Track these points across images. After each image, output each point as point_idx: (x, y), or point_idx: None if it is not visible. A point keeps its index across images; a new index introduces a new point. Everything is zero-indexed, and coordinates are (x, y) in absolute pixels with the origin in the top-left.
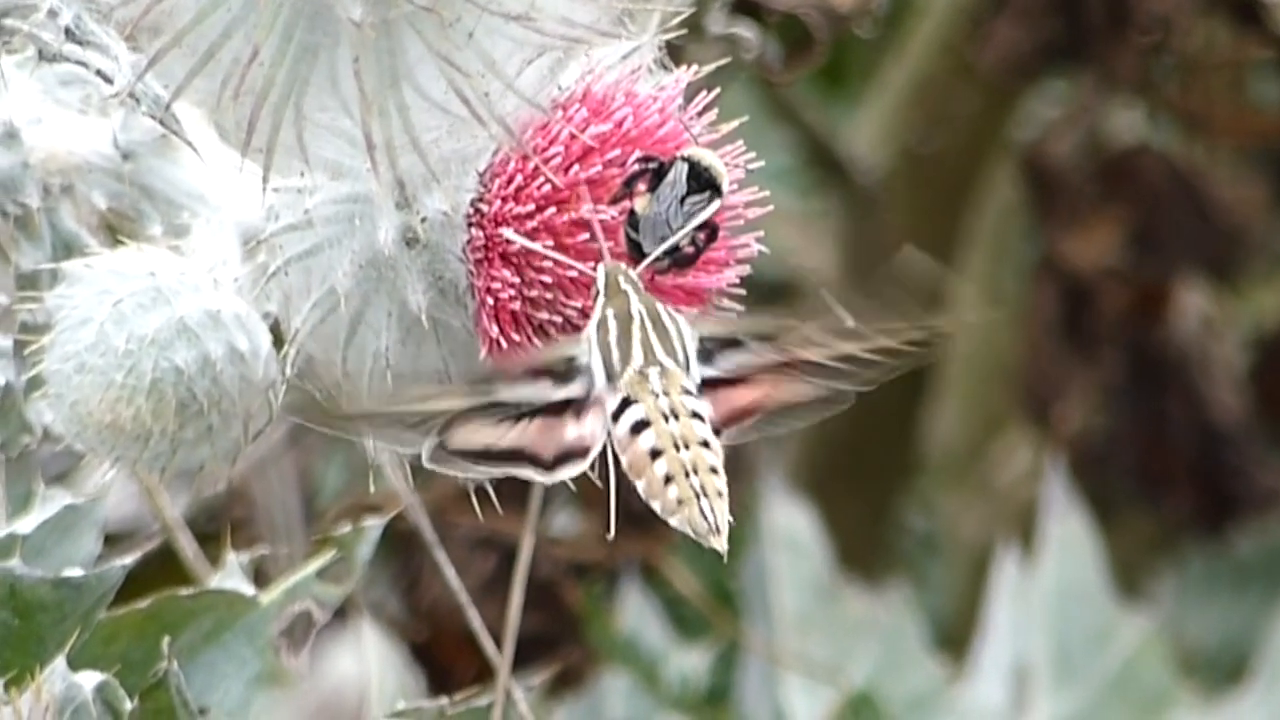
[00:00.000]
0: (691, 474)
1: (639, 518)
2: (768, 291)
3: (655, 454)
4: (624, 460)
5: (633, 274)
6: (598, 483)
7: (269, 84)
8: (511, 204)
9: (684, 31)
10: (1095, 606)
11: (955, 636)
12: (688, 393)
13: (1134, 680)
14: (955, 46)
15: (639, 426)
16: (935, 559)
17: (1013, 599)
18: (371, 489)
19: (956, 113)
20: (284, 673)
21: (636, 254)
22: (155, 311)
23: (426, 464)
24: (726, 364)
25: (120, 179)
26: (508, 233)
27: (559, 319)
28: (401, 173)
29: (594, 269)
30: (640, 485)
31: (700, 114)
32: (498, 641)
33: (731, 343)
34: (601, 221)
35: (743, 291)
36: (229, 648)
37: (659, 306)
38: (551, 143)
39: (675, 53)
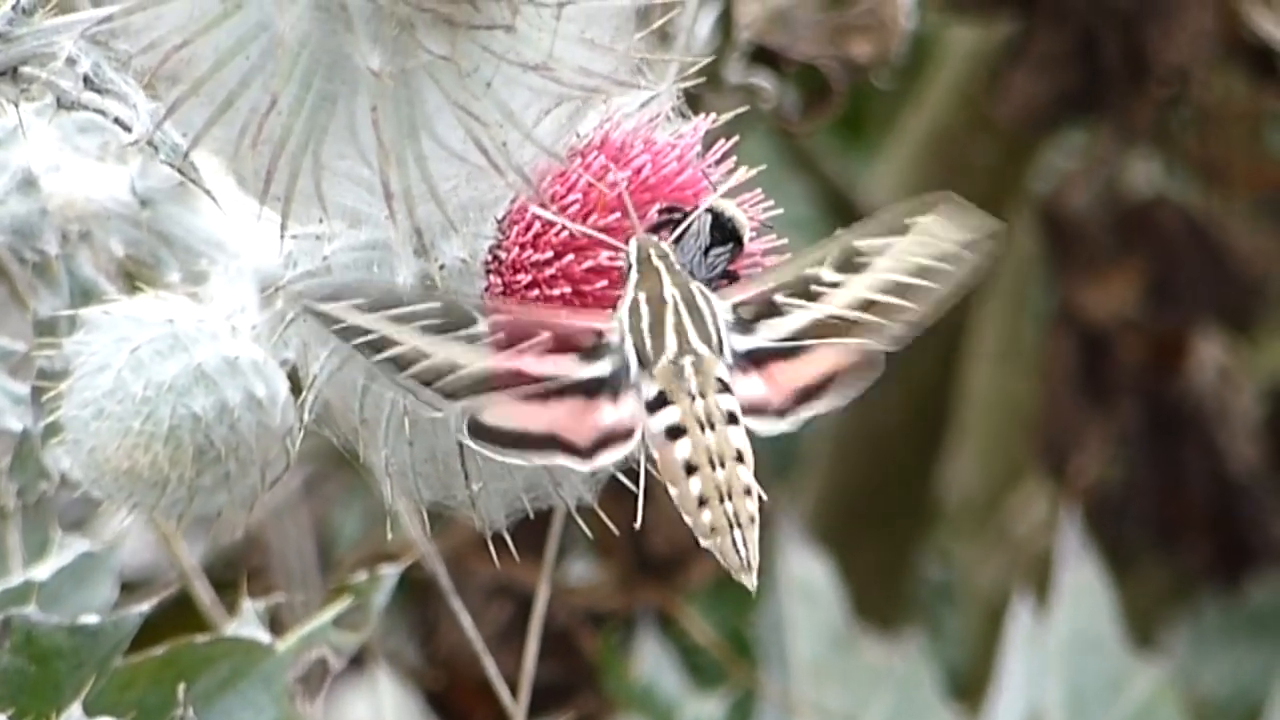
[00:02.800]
0: (726, 499)
1: (656, 566)
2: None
3: (691, 469)
4: (656, 457)
5: (666, 249)
6: (615, 530)
7: (287, 132)
8: (530, 251)
9: (702, 81)
10: (1109, 656)
11: (970, 685)
12: (724, 388)
13: None
14: (973, 97)
15: (674, 432)
16: (951, 608)
17: (1027, 648)
18: (389, 536)
19: (974, 163)
20: None
21: None
22: (173, 358)
23: (463, 439)
24: (771, 333)
25: (138, 226)
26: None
27: None
28: (419, 221)
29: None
30: (673, 491)
31: (718, 162)
32: (514, 690)
33: (770, 310)
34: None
35: None
36: (245, 695)
37: (692, 286)
38: (570, 190)
39: (693, 102)
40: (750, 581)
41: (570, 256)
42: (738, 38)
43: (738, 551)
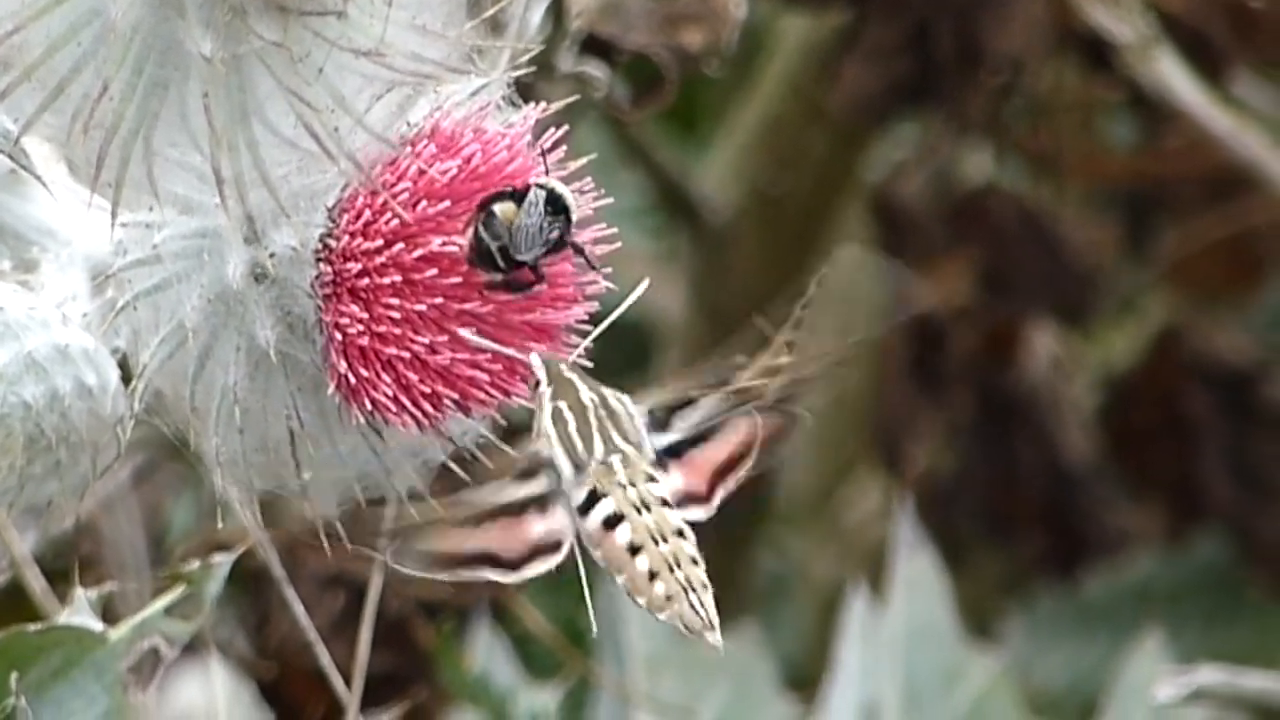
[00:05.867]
0: (676, 568)
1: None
2: (617, 330)
3: (635, 549)
4: (598, 555)
5: (571, 362)
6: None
7: (119, 119)
8: (360, 239)
9: (533, 69)
10: (944, 646)
11: (807, 676)
12: (651, 479)
13: None
14: (805, 87)
15: (612, 521)
16: (786, 599)
17: (862, 639)
18: (221, 526)
19: (806, 153)
20: (132, 709)
21: (488, 264)
22: (3, 346)
23: (391, 564)
24: (684, 424)
25: None
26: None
27: (407, 354)
28: (250, 208)
29: (443, 302)
30: (620, 580)
31: (549, 151)
32: (347, 680)
33: (683, 404)
34: (456, 257)
35: (590, 328)
36: (77, 684)
37: (604, 390)
38: (400, 179)
39: (525, 91)
40: (716, 639)
41: (401, 245)
42: (569, 26)
43: (698, 613)
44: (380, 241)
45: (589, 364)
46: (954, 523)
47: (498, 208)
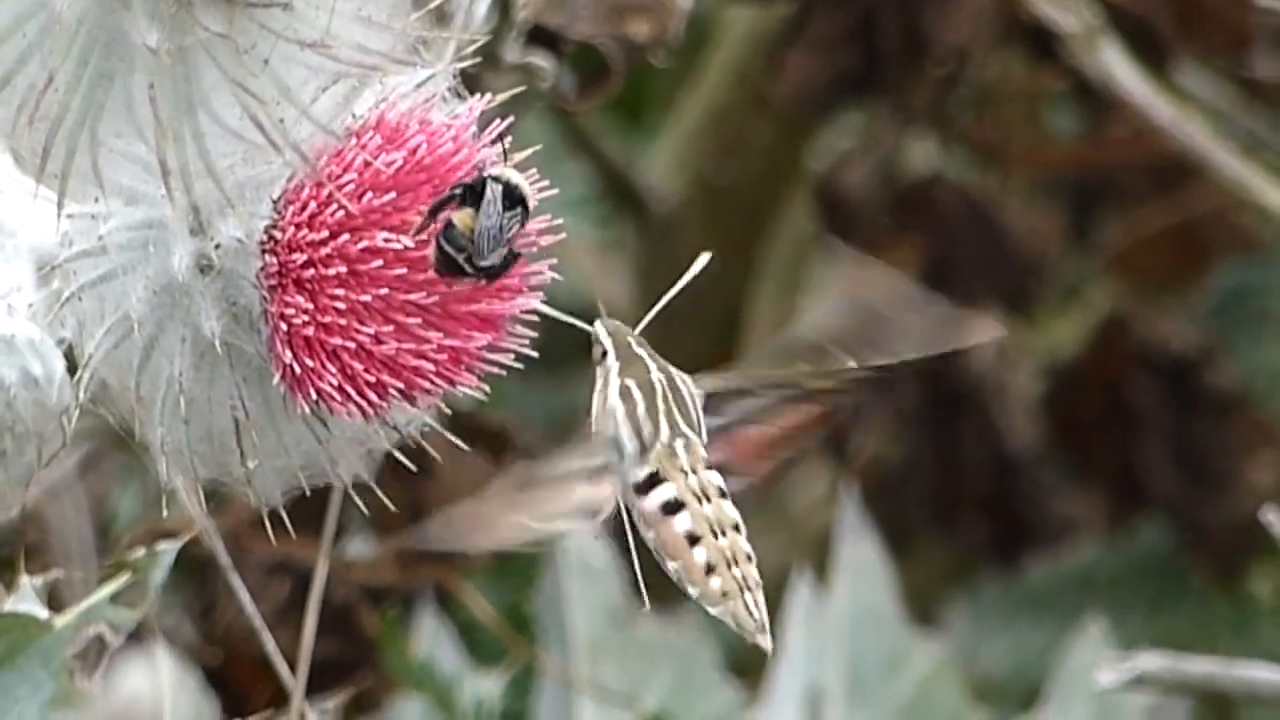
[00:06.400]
0: (733, 564)
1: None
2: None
3: (693, 539)
4: (653, 536)
5: (637, 335)
6: (391, 506)
7: (64, 110)
8: (305, 230)
9: (479, 60)
10: (888, 632)
11: (750, 662)
12: (710, 466)
13: (927, 706)
14: (751, 77)
15: (672, 506)
16: None
17: (807, 624)
18: (165, 514)
19: (751, 143)
20: (78, 696)
21: (452, 270)
22: None
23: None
24: (734, 412)
25: None
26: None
27: (352, 345)
28: (196, 198)
29: (388, 293)
30: (673, 566)
31: (494, 142)
32: (292, 666)
33: (737, 393)
34: (401, 249)
35: (535, 318)
36: (23, 671)
37: (671, 369)
38: (346, 170)
39: (471, 81)
40: (766, 643)
41: (346, 236)
42: (515, 17)
43: (751, 614)
44: (325, 233)
45: (534, 354)
46: (899, 510)
47: (455, 218)
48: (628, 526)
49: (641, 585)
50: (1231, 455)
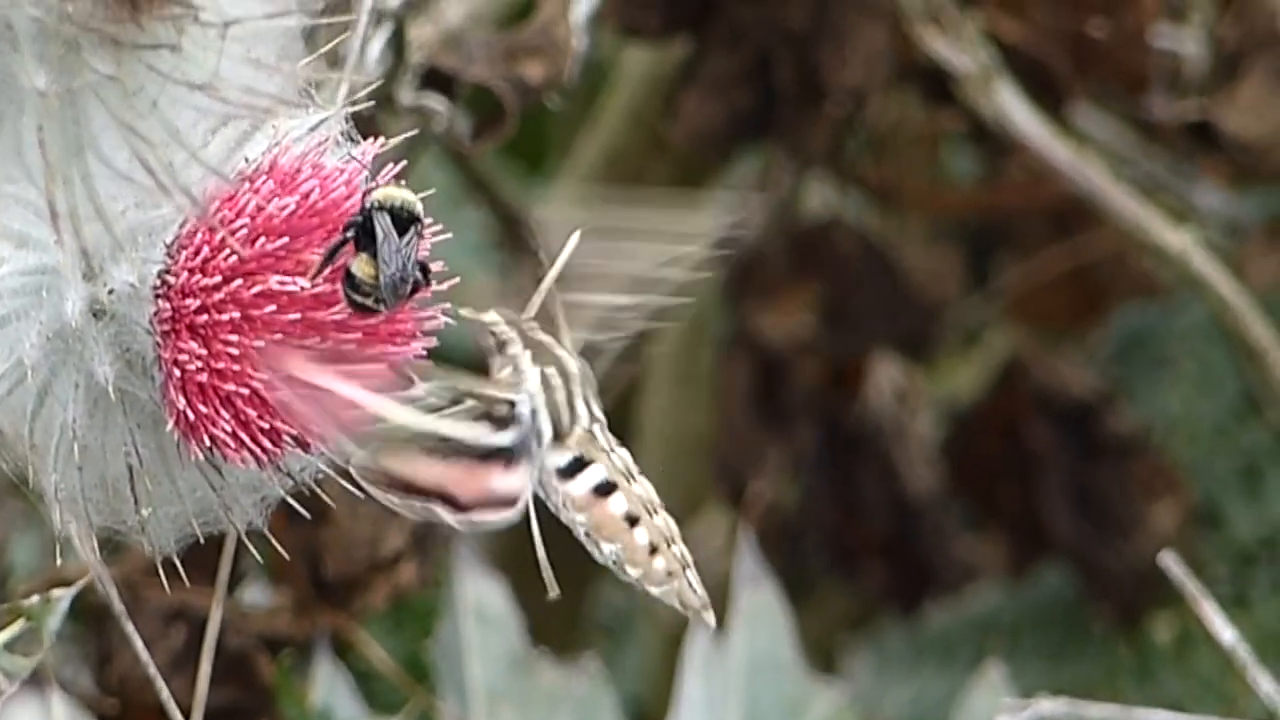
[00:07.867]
0: (671, 543)
1: (330, 589)
2: (460, 365)
3: (632, 519)
4: (584, 520)
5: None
6: (285, 554)
7: None
8: (198, 275)
9: (373, 103)
10: (788, 679)
11: (651, 710)
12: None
13: None
14: (648, 119)
15: (605, 489)
16: (630, 633)
17: (706, 672)
18: (61, 563)
19: (649, 185)
20: None
21: (367, 311)
22: None
23: (355, 472)
24: None
25: None
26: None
27: (246, 390)
28: (86, 242)
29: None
30: (610, 549)
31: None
32: (187, 715)
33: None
34: (294, 294)
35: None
36: None
37: (571, 351)
38: (238, 214)
39: (365, 124)
40: (711, 619)
41: (239, 281)
42: (410, 59)
43: (694, 592)
44: (218, 278)
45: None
46: (799, 556)
47: (354, 268)
48: (532, 515)
49: (549, 576)
50: (1132, 500)
